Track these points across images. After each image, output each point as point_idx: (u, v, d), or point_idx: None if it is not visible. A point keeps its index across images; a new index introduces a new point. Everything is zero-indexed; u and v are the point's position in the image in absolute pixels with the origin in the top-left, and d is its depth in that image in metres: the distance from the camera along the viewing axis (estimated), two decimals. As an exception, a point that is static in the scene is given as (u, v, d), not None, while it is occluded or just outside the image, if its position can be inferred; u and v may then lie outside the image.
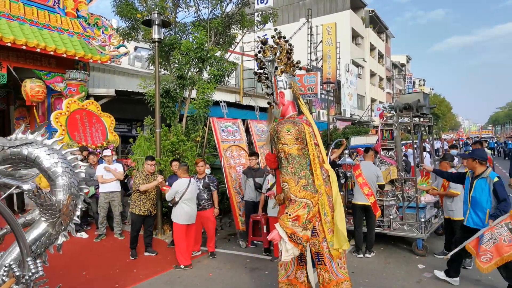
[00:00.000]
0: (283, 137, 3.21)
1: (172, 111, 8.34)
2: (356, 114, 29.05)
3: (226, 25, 9.30)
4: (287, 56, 3.59)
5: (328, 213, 3.33)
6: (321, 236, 3.29)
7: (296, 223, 3.01)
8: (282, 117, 3.57)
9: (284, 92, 3.56)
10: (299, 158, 3.18)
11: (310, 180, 3.15)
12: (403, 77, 49.67)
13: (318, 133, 3.51)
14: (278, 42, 3.59)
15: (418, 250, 5.77)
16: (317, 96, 19.35)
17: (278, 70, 3.56)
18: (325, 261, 3.28)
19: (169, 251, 5.97)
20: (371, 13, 35.63)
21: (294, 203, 3.06)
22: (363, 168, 5.84)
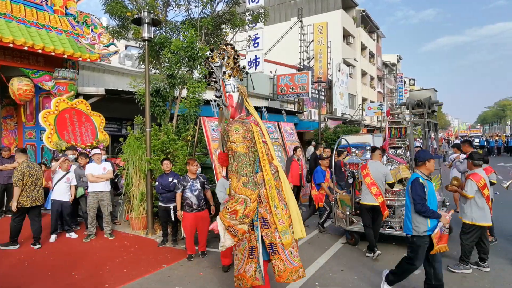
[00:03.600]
0: (231, 135, 3.49)
1: (162, 110, 8.30)
2: (347, 113, 29.22)
3: (216, 24, 9.28)
4: (234, 61, 3.89)
5: (278, 205, 3.60)
6: (272, 227, 3.56)
7: (234, 217, 3.31)
8: (232, 118, 3.85)
9: (232, 95, 3.87)
10: (244, 156, 3.44)
11: (251, 178, 3.41)
12: (394, 76, 50.09)
13: (266, 132, 3.81)
14: (225, 49, 3.86)
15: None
16: (308, 95, 19.42)
17: (226, 74, 3.86)
18: (278, 251, 3.54)
19: (159, 251, 5.96)
20: (362, 12, 35.86)
21: (233, 198, 3.36)
22: (371, 167, 5.72)
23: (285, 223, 3.60)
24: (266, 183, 3.57)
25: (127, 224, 7.47)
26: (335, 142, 17.67)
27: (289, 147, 9.48)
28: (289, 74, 19.93)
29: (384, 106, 35.03)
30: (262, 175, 3.58)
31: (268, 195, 3.56)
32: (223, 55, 3.91)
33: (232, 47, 4.01)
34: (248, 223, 3.39)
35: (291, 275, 3.54)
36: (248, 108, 3.94)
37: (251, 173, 3.42)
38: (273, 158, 3.78)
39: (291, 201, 3.73)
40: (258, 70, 16.15)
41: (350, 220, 6.31)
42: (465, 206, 5.10)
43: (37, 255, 5.78)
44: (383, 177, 5.67)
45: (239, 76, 4.01)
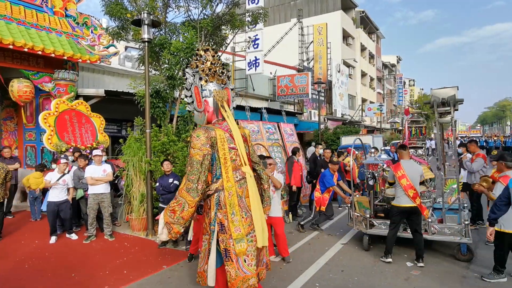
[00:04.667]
0: (192, 141, 3.66)
1: (162, 112, 8.31)
2: (347, 114, 29.24)
3: (216, 25, 9.29)
4: (210, 67, 3.95)
5: (237, 212, 3.64)
6: (228, 233, 3.62)
7: (172, 215, 3.53)
8: (209, 122, 3.96)
9: (208, 100, 3.95)
10: (197, 163, 3.57)
11: (195, 185, 3.54)
12: (394, 77, 50.15)
13: (239, 138, 3.84)
14: (202, 55, 3.95)
15: (462, 255, 5.32)
16: (308, 96, 19.43)
17: (202, 80, 3.93)
18: (232, 258, 3.59)
19: (159, 252, 5.96)
20: (361, 13, 35.91)
21: (175, 198, 3.59)
22: (406, 167, 5.32)
23: (242, 231, 3.61)
24: (226, 189, 3.64)
25: (127, 225, 7.47)
26: (335, 143, 17.70)
27: (289, 148, 9.49)
28: (289, 75, 19.94)
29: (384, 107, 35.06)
30: (222, 182, 3.68)
31: (227, 202, 3.62)
32: (199, 61, 3.99)
33: (214, 52, 4.10)
34: (183, 225, 3.56)
35: (242, 284, 3.55)
36: (223, 114, 3.96)
37: (196, 180, 3.54)
38: (244, 164, 3.82)
39: (256, 209, 3.74)
40: (258, 71, 16.15)
41: (370, 223, 6.01)
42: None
43: (38, 256, 5.78)
44: (419, 177, 5.34)
45: (221, 80, 4.05)
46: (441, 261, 5.37)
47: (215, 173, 3.74)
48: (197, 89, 3.99)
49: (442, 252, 5.68)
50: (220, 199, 3.67)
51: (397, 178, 5.30)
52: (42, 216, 8.10)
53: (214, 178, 3.75)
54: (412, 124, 6.48)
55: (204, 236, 3.82)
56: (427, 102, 6.53)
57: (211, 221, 3.70)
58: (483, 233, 6.43)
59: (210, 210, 3.72)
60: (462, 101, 6.02)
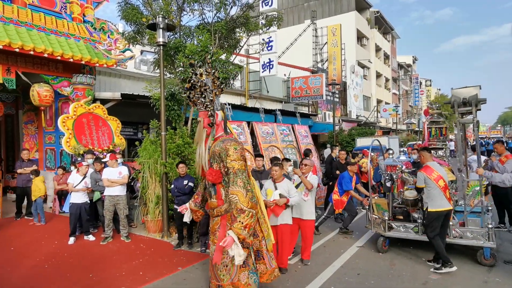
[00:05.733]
0: (232, 154, 3.75)
1: (177, 114, 8.39)
2: (362, 115, 28.92)
3: (230, 28, 9.34)
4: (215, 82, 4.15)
5: (261, 215, 4.02)
6: (260, 236, 3.96)
7: (246, 230, 3.54)
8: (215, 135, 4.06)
9: (218, 113, 4.08)
10: (245, 173, 3.76)
11: (252, 192, 3.71)
12: (410, 77, 49.36)
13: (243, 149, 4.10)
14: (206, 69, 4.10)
15: (485, 260, 5.18)
16: (322, 98, 19.31)
17: (212, 93, 4.06)
18: (263, 256, 3.99)
19: (175, 254, 6.00)
20: (376, 14, 35.51)
21: (244, 212, 3.58)
22: (438, 169, 5.15)
23: (268, 231, 4.06)
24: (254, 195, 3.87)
25: (143, 227, 7.56)
26: (350, 144, 17.51)
27: (303, 149, 9.45)
28: (303, 77, 19.86)
29: (399, 107, 34.53)
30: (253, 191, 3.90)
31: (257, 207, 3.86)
32: (209, 74, 4.12)
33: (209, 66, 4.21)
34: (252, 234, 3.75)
35: (270, 276, 4.01)
36: (229, 127, 4.21)
37: (252, 188, 3.75)
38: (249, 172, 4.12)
39: (264, 210, 4.21)
40: (272, 73, 16.15)
41: (389, 225, 5.93)
42: None
43: (57, 257, 5.91)
44: (447, 179, 5.23)
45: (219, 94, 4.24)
46: (461, 265, 5.24)
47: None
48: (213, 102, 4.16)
49: (463, 256, 5.53)
50: None
51: (433, 180, 5.05)
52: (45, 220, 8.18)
53: None
54: (431, 124, 6.31)
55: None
56: (447, 102, 6.35)
57: None
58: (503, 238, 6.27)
59: None
60: (485, 100, 5.81)
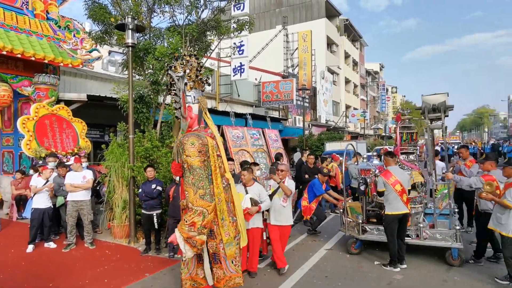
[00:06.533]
0: (187, 149, 3.60)
1: (146, 117, 8.22)
2: (331, 120, 29.56)
3: (201, 31, 9.27)
4: (196, 74, 3.97)
5: (226, 217, 3.80)
6: (218, 238, 3.79)
7: (192, 228, 3.45)
8: (190, 129, 3.95)
9: (192, 107, 3.95)
10: (200, 169, 3.59)
11: (208, 190, 3.56)
12: (377, 84, 51.06)
13: (221, 145, 3.97)
14: (188, 60, 3.94)
15: (453, 260, 5.36)
16: (293, 102, 19.57)
17: (187, 85, 3.93)
18: (220, 261, 3.83)
19: (142, 260, 5.85)
20: (345, 21, 36.53)
21: (191, 210, 3.49)
22: (396, 173, 5.34)
23: (231, 235, 3.83)
24: (216, 196, 3.72)
25: (109, 232, 7.32)
26: (319, 148, 17.84)
27: (273, 154, 9.52)
28: (274, 81, 20.06)
29: (367, 113, 35.63)
30: (213, 188, 3.72)
31: (217, 208, 3.71)
32: (185, 66, 3.97)
33: (196, 58, 4.10)
34: (206, 233, 3.57)
35: (227, 282, 3.87)
36: (207, 121, 4.05)
37: (207, 185, 3.57)
38: (226, 171, 3.95)
39: (240, 213, 3.99)
40: (243, 77, 16.19)
41: (363, 228, 6.01)
42: (503, 216, 4.65)
43: (14, 266, 5.59)
44: (408, 183, 5.39)
45: (201, 88, 4.10)
46: (424, 264, 5.45)
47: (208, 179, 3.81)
48: (183, 95, 4.00)
49: (424, 257, 5.75)
50: None
51: (390, 185, 5.24)
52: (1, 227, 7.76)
53: None
54: (403, 129, 6.50)
55: None
56: (418, 108, 6.54)
57: None
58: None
59: None
60: (453, 107, 6.10)
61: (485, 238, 5.41)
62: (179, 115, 4.10)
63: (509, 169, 4.78)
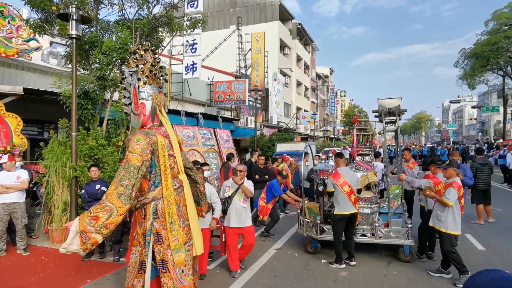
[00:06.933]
0: (131, 145, 3.41)
1: (91, 114, 7.77)
2: (282, 121, 30.12)
3: (153, 27, 8.98)
4: (150, 69, 3.79)
5: (176, 221, 3.53)
6: (165, 243, 3.47)
7: (93, 223, 3.11)
8: (143, 126, 3.77)
9: (145, 103, 3.76)
10: (134, 168, 3.33)
11: (128, 191, 3.28)
12: (327, 87, 52.92)
13: (176, 145, 3.74)
14: (142, 54, 3.78)
15: (405, 256, 5.65)
16: (245, 103, 19.64)
17: (141, 81, 3.74)
18: (169, 269, 3.46)
19: (83, 265, 5.52)
20: (298, 25, 37.43)
21: (101, 204, 3.21)
22: (345, 174, 5.53)
23: (180, 240, 3.52)
24: (165, 198, 3.50)
25: (46, 237, 6.81)
26: (270, 149, 18.09)
27: (225, 154, 9.47)
28: (227, 81, 20.00)
29: (317, 115, 36.80)
30: (161, 190, 3.51)
31: (166, 211, 3.48)
32: (139, 61, 3.79)
33: (153, 53, 3.92)
34: (105, 235, 3.20)
35: None
36: (161, 119, 3.83)
37: (131, 186, 3.28)
38: (180, 172, 3.73)
39: (193, 217, 3.69)
40: (195, 75, 15.94)
41: (321, 229, 6.10)
42: (443, 214, 4.96)
43: None
44: (357, 183, 5.57)
45: (157, 84, 3.91)
46: (367, 261, 5.74)
47: (153, 180, 3.56)
48: (135, 90, 3.78)
49: (368, 254, 6.06)
50: (157, 208, 3.49)
51: (338, 185, 5.41)
52: None
53: (152, 186, 3.55)
54: (360, 132, 6.72)
55: (135, 248, 3.57)
56: (376, 111, 6.76)
57: (146, 231, 3.47)
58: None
59: (146, 220, 3.49)
60: (406, 111, 6.47)
61: (426, 234, 5.78)
62: (129, 111, 3.86)
63: (450, 170, 5.13)
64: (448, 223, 4.89)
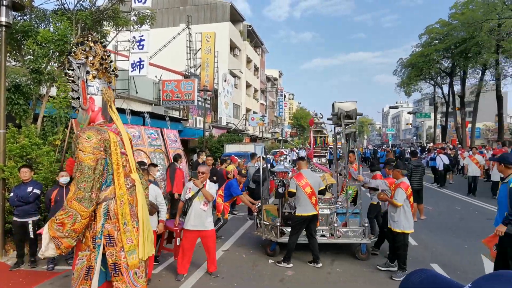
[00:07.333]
0: (81, 143, 3.24)
1: (23, 110, 7.15)
2: (231, 122, 30.13)
3: (96, 20, 8.51)
4: (101, 62, 3.61)
5: (129, 222, 3.41)
6: (119, 245, 3.33)
7: (61, 229, 3.09)
8: (92, 123, 3.59)
9: (94, 98, 3.58)
10: (89, 169, 3.21)
11: (88, 194, 3.18)
12: (276, 90, 53.92)
13: (128, 143, 3.61)
14: (92, 46, 3.58)
15: (362, 254, 5.82)
16: (194, 103, 19.35)
17: (90, 75, 3.55)
18: (122, 272, 3.32)
19: (12, 276, 5.04)
20: (248, 27, 37.71)
21: (64, 210, 3.13)
22: (308, 176, 5.58)
23: (134, 242, 3.39)
24: (118, 198, 3.34)
25: (-33, 245, 6.12)
26: (219, 150, 18.01)
27: (172, 154, 9.23)
28: (175, 80, 19.54)
29: (266, 117, 37.34)
30: (114, 189, 3.35)
31: (119, 211, 3.32)
32: (88, 53, 3.55)
33: (103, 46, 3.71)
34: (76, 238, 3.14)
35: None
36: (112, 115, 3.63)
37: (89, 188, 3.14)
38: (133, 171, 3.58)
39: (145, 218, 3.55)
40: (142, 73, 15.36)
41: (281, 231, 6.01)
42: (395, 215, 5.16)
43: None
44: (318, 185, 5.63)
45: (107, 79, 3.70)
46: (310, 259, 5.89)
47: (105, 179, 3.34)
48: (84, 84, 3.51)
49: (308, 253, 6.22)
50: (109, 208, 3.29)
51: (301, 187, 5.46)
52: None
53: (103, 186, 3.34)
54: (316, 134, 6.78)
55: (82, 252, 3.30)
56: (335, 114, 6.83)
57: (96, 234, 3.24)
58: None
59: (96, 221, 3.26)
60: (361, 114, 6.69)
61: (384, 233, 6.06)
62: (77, 106, 3.59)
63: (396, 172, 5.42)
64: (402, 223, 5.10)
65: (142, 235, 3.46)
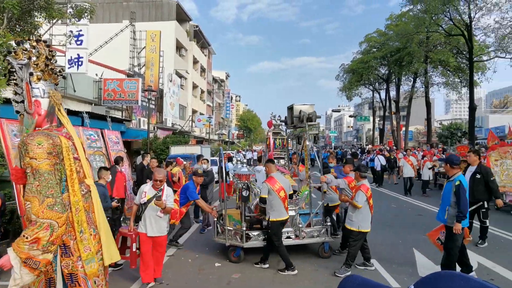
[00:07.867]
0: (31, 150, 2.99)
1: None
2: (177, 123, 29.49)
3: (26, 10, 7.81)
4: (46, 63, 3.38)
5: (86, 230, 3.26)
6: (75, 255, 3.16)
7: (35, 246, 2.80)
8: (39, 127, 3.35)
9: (40, 101, 3.33)
10: (49, 174, 3.01)
11: (58, 199, 3.01)
12: (222, 92, 53.83)
13: (80, 147, 3.43)
14: (35, 46, 3.36)
15: (325, 253, 5.96)
16: (138, 103, 18.62)
17: (34, 76, 3.31)
18: (79, 282, 3.15)
19: None
20: (195, 28, 37.23)
21: (35, 224, 2.86)
22: (280, 180, 5.51)
23: (92, 250, 3.23)
24: (73, 205, 3.14)
25: None
26: (164, 152, 17.52)
27: (113, 156, 8.77)
28: (118, 79, 18.64)
29: (212, 119, 37.11)
30: (69, 196, 3.14)
31: (74, 219, 3.14)
32: (31, 53, 3.28)
33: (47, 45, 3.43)
34: (54, 251, 2.90)
35: None
36: (61, 119, 3.40)
37: (58, 193, 2.95)
38: (87, 176, 3.40)
39: (103, 224, 3.39)
40: (81, 70, 14.46)
41: (247, 236, 5.83)
42: (354, 214, 5.35)
43: None
44: (289, 189, 5.59)
45: (53, 80, 3.44)
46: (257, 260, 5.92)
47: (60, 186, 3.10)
48: (28, 86, 3.20)
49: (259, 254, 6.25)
50: None
51: (275, 191, 5.38)
52: None
53: None
54: (275, 135, 6.77)
55: None
56: (297, 116, 6.83)
57: None
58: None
59: None
60: (320, 116, 6.84)
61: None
62: (21, 110, 3.26)
63: (347, 167, 5.72)
64: (359, 222, 5.29)
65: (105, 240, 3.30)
